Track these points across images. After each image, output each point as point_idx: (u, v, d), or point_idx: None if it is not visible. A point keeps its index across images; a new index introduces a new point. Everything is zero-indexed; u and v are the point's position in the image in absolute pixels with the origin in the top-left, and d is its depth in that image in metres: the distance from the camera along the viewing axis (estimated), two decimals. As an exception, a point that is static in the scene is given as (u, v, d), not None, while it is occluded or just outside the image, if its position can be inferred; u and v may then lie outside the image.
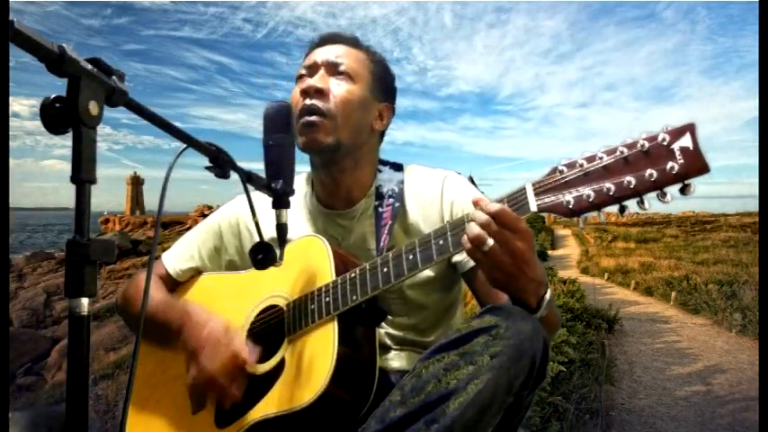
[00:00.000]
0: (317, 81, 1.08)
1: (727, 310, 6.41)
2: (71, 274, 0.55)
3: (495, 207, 0.78)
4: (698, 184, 0.70)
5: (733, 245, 16.39)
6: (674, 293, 7.92)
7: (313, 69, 1.11)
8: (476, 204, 0.82)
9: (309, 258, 1.04)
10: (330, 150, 1.08)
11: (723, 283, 7.85)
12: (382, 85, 1.16)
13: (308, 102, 1.06)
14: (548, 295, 0.84)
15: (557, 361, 3.19)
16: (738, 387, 3.87)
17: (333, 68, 1.10)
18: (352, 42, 1.15)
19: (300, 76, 1.13)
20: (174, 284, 1.24)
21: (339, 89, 1.08)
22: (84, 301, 0.55)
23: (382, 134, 1.20)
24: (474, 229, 0.79)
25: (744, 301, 6.62)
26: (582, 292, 6.12)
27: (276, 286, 1.07)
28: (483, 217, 0.78)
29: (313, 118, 1.05)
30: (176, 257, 1.23)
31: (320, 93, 1.06)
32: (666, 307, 7.58)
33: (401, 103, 1.27)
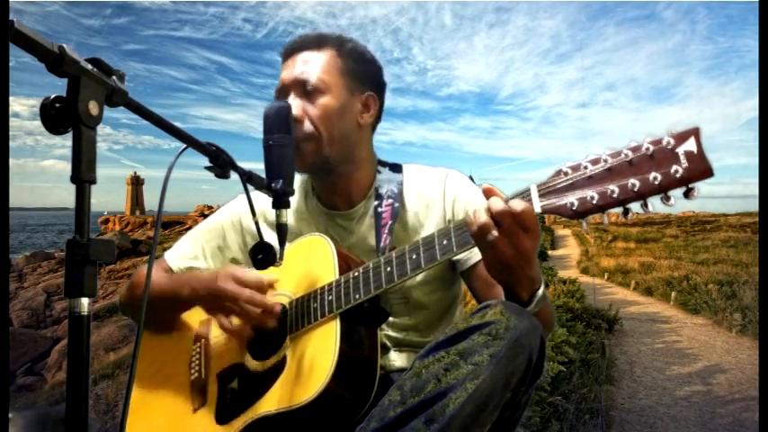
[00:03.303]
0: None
1: (727, 310, 6.42)
2: (71, 274, 0.55)
3: (521, 206, 0.76)
4: (698, 184, 0.70)
5: (733, 245, 16.38)
6: (674, 293, 7.93)
7: (283, 93, 1.10)
8: (489, 192, 0.80)
9: (313, 257, 1.04)
10: (321, 165, 1.09)
11: (723, 283, 7.85)
12: (358, 76, 1.12)
13: None
14: (540, 292, 0.84)
15: (557, 361, 3.19)
16: (738, 387, 3.88)
17: (301, 88, 1.07)
18: (316, 44, 1.11)
19: (276, 99, 1.11)
20: None
21: (313, 109, 1.07)
22: (84, 301, 0.55)
23: (374, 125, 1.19)
24: (481, 217, 0.77)
25: (744, 301, 6.63)
26: (582, 292, 6.13)
27: (280, 284, 1.07)
28: (498, 206, 0.76)
29: (297, 144, 1.05)
30: (180, 256, 1.23)
31: (295, 120, 1.05)
32: (666, 307, 7.59)
33: (401, 103, 1.26)
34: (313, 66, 1.08)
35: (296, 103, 1.07)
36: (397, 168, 1.19)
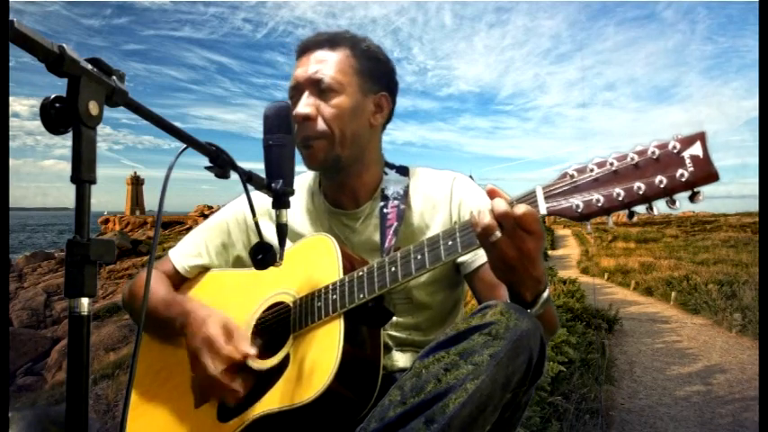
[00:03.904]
0: (302, 107, 1.07)
1: (727, 310, 6.42)
2: (71, 274, 0.55)
3: (522, 210, 0.76)
4: (703, 187, 0.70)
5: (733, 245, 16.36)
6: (674, 293, 7.93)
7: (298, 91, 1.10)
8: (493, 194, 0.80)
9: (317, 257, 1.05)
10: (332, 164, 1.10)
11: (723, 283, 7.85)
12: (371, 76, 1.13)
13: (300, 131, 1.07)
14: (545, 294, 0.84)
15: (557, 361, 3.19)
16: (738, 387, 3.88)
17: (316, 87, 1.08)
18: (330, 43, 1.11)
19: (291, 97, 1.12)
20: (181, 280, 1.24)
21: (327, 108, 1.07)
22: (84, 301, 0.55)
23: (385, 125, 1.19)
24: (485, 218, 0.77)
25: (744, 301, 6.63)
26: (582, 292, 6.13)
27: (283, 283, 1.08)
28: (501, 208, 0.76)
29: (309, 143, 1.07)
30: (184, 254, 1.23)
31: (308, 118, 1.06)
32: (666, 307, 7.59)
33: (401, 103, 1.26)
34: (327, 65, 1.09)
35: (309, 102, 1.07)
36: (403, 171, 1.20)
